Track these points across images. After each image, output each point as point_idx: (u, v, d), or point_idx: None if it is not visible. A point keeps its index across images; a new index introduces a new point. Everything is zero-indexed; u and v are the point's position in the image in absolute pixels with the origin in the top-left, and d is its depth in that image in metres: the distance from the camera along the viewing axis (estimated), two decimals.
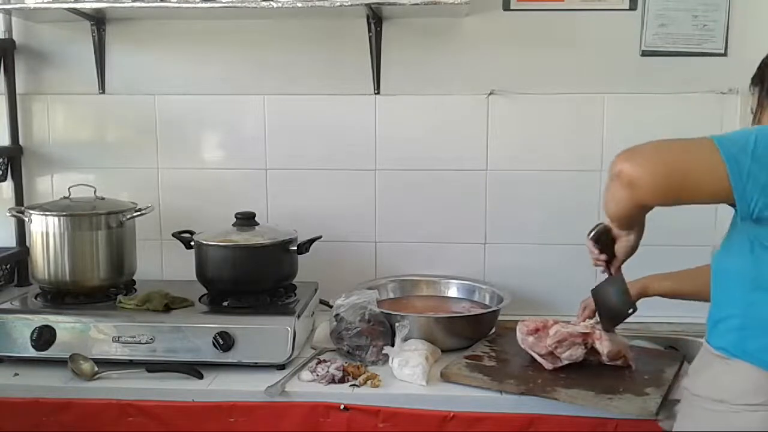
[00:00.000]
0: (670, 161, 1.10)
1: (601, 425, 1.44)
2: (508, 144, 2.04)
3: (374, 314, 1.70)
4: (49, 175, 2.15)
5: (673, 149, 1.12)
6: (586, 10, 1.98)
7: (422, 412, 1.49)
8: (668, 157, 1.11)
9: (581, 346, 1.56)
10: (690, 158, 1.09)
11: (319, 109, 2.06)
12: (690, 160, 1.09)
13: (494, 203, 2.06)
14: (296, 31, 2.04)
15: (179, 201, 2.12)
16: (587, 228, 2.02)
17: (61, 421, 1.53)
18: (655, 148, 1.12)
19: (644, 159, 1.11)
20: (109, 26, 2.07)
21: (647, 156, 1.11)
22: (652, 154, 1.12)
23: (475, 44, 2.01)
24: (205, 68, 2.08)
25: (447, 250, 2.09)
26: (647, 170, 1.10)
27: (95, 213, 1.81)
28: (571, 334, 1.55)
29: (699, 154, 1.09)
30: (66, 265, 1.78)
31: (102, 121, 2.13)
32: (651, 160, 1.11)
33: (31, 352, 1.62)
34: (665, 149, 1.12)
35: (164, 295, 1.74)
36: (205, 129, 2.12)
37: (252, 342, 1.60)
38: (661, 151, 1.12)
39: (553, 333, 1.56)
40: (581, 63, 2.00)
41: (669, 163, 1.10)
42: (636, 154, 1.12)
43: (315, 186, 2.09)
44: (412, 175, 2.07)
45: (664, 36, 1.97)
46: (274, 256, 1.80)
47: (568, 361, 1.56)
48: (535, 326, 1.60)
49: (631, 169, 1.11)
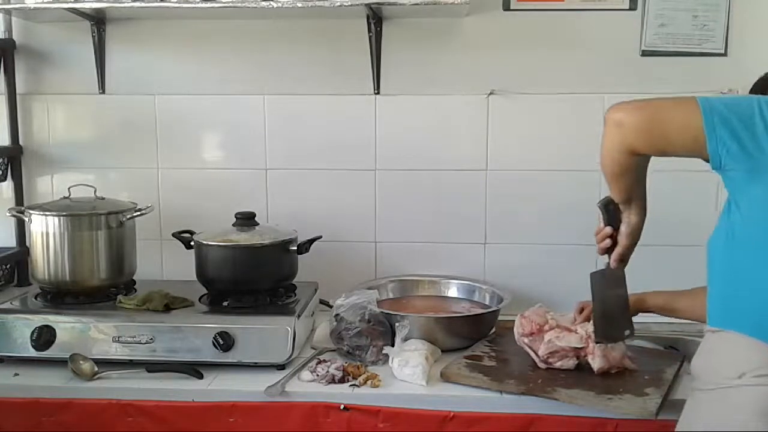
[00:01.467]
0: (654, 106, 1.22)
1: (601, 425, 1.44)
2: (508, 144, 2.04)
3: (374, 314, 1.70)
4: (49, 175, 2.15)
5: (660, 101, 1.24)
6: (586, 10, 1.98)
7: (422, 412, 1.49)
8: (654, 104, 1.23)
9: (573, 359, 1.56)
10: (672, 106, 1.21)
11: (319, 109, 2.06)
12: (672, 108, 1.21)
13: (494, 203, 2.06)
14: (296, 32, 2.04)
15: (179, 201, 2.12)
16: (587, 228, 2.03)
17: (61, 421, 1.53)
18: (643, 100, 1.24)
19: (632, 105, 1.24)
20: (109, 26, 2.07)
21: (635, 103, 1.24)
22: (640, 102, 1.24)
23: (475, 44, 2.01)
24: (205, 68, 2.08)
25: (447, 250, 2.09)
26: (634, 112, 1.23)
27: (95, 213, 1.81)
28: (564, 348, 1.56)
29: (681, 105, 1.19)
30: (66, 265, 1.78)
31: (102, 121, 2.13)
32: (638, 105, 1.23)
33: (31, 352, 1.62)
34: (653, 101, 1.24)
35: (164, 295, 1.74)
36: (205, 129, 2.12)
37: (252, 342, 1.60)
38: (648, 101, 1.24)
39: (546, 341, 1.56)
40: (581, 63, 2.00)
41: (654, 108, 1.22)
42: (626, 102, 1.25)
43: (315, 186, 2.09)
44: (412, 175, 2.07)
45: (664, 36, 1.97)
46: (274, 256, 1.80)
47: (561, 367, 1.57)
48: (530, 329, 1.60)
49: (620, 113, 1.23)
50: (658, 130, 1.21)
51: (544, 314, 1.64)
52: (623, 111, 1.24)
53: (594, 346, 1.54)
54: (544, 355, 1.56)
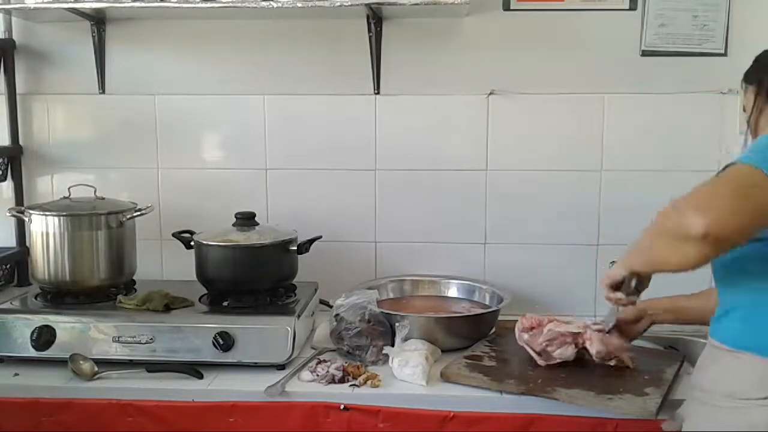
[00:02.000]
0: (737, 205, 1.05)
1: (601, 425, 1.44)
2: (508, 144, 2.04)
3: (374, 314, 1.70)
4: (49, 175, 2.15)
5: (728, 191, 1.07)
6: (586, 10, 1.97)
7: (422, 412, 1.49)
8: (732, 201, 1.05)
9: (571, 345, 1.57)
10: (751, 192, 1.06)
11: (319, 109, 2.06)
12: (753, 195, 1.06)
13: (494, 203, 2.06)
14: (296, 32, 2.04)
15: (179, 201, 2.12)
16: (587, 228, 2.04)
17: (61, 421, 1.53)
18: (712, 195, 1.06)
19: (712, 210, 1.03)
20: (109, 26, 2.07)
21: (713, 205, 1.04)
22: (718, 201, 1.05)
23: (475, 44, 2.01)
24: (205, 68, 2.08)
25: (447, 250, 2.09)
26: (720, 219, 1.03)
27: (95, 213, 1.81)
28: (562, 334, 1.57)
29: (754, 183, 1.06)
30: (66, 265, 1.78)
31: (102, 121, 2.13)
32: (719, 208, 1.04)
33: (31, 352, 1.62)
34: (721, 195, 1.06)
35: (164, 295, 1.74)
36: (205, 129, 2.12)
37: (252, 342, 1.60)
38: (714, 193, 1.07)
39: (546, 331, 1.58)
40: (581, 63, 2.00)
41: (736, 204, 1.05)
42: (703, 206, 1.04)
43: (315, 186, 2.09)
44: (412, 175, 2.07)
45: (664, 36, 1.97)
46: (274, 256, 1.80)
47: (560, 359, 1.57)
48: (531, 324, 1.62)
49: (699, 221, 1.02)
50: (754, 224, 1.06)
51: (545, 317, 1.64)
52: (703, 218, 1.02)
53: (592, 333, 1.56)
54: (543, 343, 1.57)
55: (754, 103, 1.32)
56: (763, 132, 1.30)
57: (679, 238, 1.06)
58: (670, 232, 1.09)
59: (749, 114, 1.33)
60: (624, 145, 2.01)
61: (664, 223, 1.12)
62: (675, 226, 1.07)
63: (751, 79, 1.36)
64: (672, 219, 1.08)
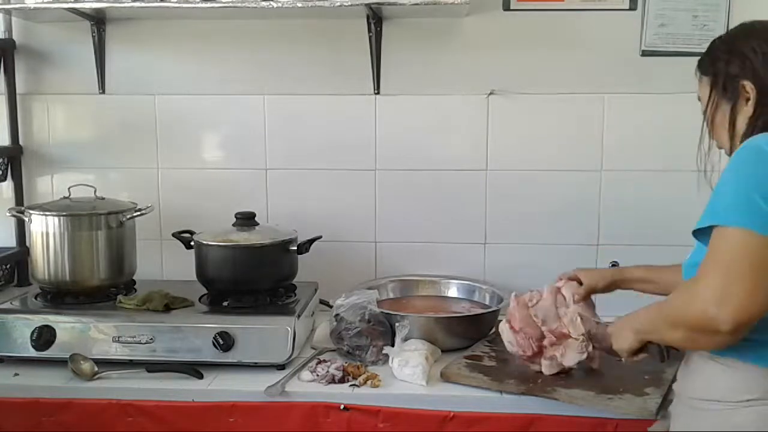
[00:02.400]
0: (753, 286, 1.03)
1: (601, 425, 1.44)
2: (508, 144, 2.04)
3: (374, 314, 1.70)
4: (49, 175, 2.15)
5: (744, 276, 1.03)
6: (586, 10, 1.97)
7: (422, 412, 1.49)
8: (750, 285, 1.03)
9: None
10: (764, 267, 1.03)
11: (319, 109, 2.06)
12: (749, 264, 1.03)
13: (494, 203, 2.06)
14: (296, 32, 2.04)
15: (179, 201, 2.12)
16: (587, 227, 2.04)
17: (61, 421, 1.53)
18: (728, 283, 1.03)
19: (737, 300, 1.02)
20: (109, 26, 2.07)
21: (735, 294, 1.02)
22: (736, 289, 1.03)
23: (475, 44, 2.01)
24: (205, 68, 2.08)
25: (447, 250, 2.09)
26: (748, 309, 1.02)
27: (95, 213, 1.81)
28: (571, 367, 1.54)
29: (750, 249, 1.04)
30: (66, 265, 1.78)
31: (102, 121, 2.13)
32: (741, 297, 1.02)
33: (31, 352, 1.62)
34: (739, 281, 1.03)
35: (164, 295, 1.74)
36: (205, 129, 2.12)
37: (252, 342, 1.60)
38: (738, 284, 1.03)
39: (549, 362, 1.53)
40: (581, 63, 2.00)
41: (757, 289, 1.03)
42: (723, 299, 1.02)
43: (315, 186, 2.09)
44: (412, 175, 2.07)
45: (664, 36, 1.97)
46: (274, 256, 1.80)
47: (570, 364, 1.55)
48: (531, 352, 1.55)
49: (734, 318, 1.02)
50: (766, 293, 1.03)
51: (531, 319, 1.56)
52: (727, 313, 1.01)
53: (595, 352, 1.53)
54: (549, 373, 1.54)
55: (709, 97, 1.26)
56: (720, 130, 1.25)
57: (705, 332, 1.06)
58: (693, 326, 1.08)
59: (704, 107, 1.28)
60: (624, 145, 2.01)
61: (679, 316, 1.11)
62: (698, 321, 1.06)
63: (705, 69, 1.29)
64: (691, 313, 1.07)
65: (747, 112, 1.20)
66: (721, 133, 1.25)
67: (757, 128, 1.17)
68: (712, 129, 1.28)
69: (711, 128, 1.28)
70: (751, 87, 1.19)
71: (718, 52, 1.26)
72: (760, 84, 1.18)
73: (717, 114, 1.25)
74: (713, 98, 1.25)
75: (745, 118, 1.20)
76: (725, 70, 1.23)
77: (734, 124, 1.22)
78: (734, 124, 1.22)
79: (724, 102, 1.24)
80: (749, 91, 1.19)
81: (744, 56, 1.21)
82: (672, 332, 1.16)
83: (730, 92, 1.22)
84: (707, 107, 1.27)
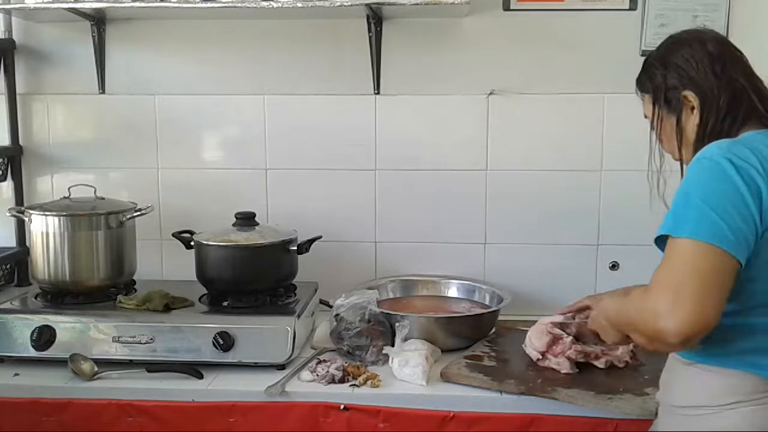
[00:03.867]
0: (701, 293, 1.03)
1: (601, 425, 1.45)
2: (508, 144, 2.04)
3: (374, 314, 1.70)
4: (49, 175, 2.15)
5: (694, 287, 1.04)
6: (587, 10, 1.98)
7: (422, 412, 1.49)
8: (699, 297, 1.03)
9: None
10: (714, 279, 1.04)
11: (319, 109, 2.06)
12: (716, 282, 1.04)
13: (494, 203, 2.06)
14: (296, 31, 2.04)
15: (179, 201, 2.12)
16: (587, 227, 2.04)
17: (61, 421, 1.53)
18: (678, 294, 1.03)
19: (684, 312, 1.03)
20: (109, 26, 2.07)
21: (683, 307, 1.03)
22: (685, 301, 1.03)
23: (475, 44, 2.01)
24: (205, 68, 2.07)
25: (447, 250, 2.09)
26: (695, 321, 1.02)
27: (95, 213, 1.81)
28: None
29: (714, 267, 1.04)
30: (66, 265, 1.78)
31: (102, 121, 2.13)
32: (689, 309, 1.02)
33: (31, 352, 1.62)
34: (688, 293, 1.03)
35: (164, 295, 1.74)
36: (205, 129, 2.12)
37: (252, 342, 1.60)
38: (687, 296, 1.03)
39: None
40: (581, 63, 2.00)
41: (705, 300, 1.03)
42: (672, 310, 1.03)
43: (315, 186, 2.09)
44: (412, 175, 2.07)
45: (664, 36, 1.93)
46: (274, 256, 1.80)
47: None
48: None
49: (681, 330, 1.03)
50: (722, 306, 1.04)
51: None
52: (675, 325, 1.02)
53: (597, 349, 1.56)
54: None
55: (654, 114, 1.28)
56: (670, 142, 1.27)
57: (659, 342, 1.08)
58: (648, 336, 1.11)
59: (651, 124, 1.30)
60: (624, 145, 2.01)
61: (639, 325, 1.12)
62: (651, 333, 1.08)
63: (644, 86, 1.32)
64: (647, 325, 1.08)
65: (694, 121, 1.23)
66: (671, 145, 1.29)
67: (706, 135, 1.20)
68: (663, 142, 1.31)
69: (662, 142, 1.31)
70: (692, 96, 1.22)
71: (653, 69, 1.29)
72: (700, 91, 1.21)
73: (664, 127, 1.28)
74: (657, 113, 1.28)
75: (693, 126, 1.23)
76: (663, 84, 1.26)
77: (682, 134, 1.25)
78: (682, 134, 1.25)
79: (668, 115, 1.27)
80: (692, 100, 1.22)
81: (678, 67, 1.24)
82: (633, 334, 1.19)
83: (673, 104, 1.25)
84: (654, 123, 1.29)
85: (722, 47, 1.24)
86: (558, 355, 1.56)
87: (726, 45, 1.26)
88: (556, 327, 1.59)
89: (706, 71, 1.21)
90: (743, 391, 1.13)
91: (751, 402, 1.13)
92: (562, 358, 1.55)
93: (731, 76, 1.21)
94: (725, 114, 1.19)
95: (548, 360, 1.57)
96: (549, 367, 1.57)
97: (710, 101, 1.20)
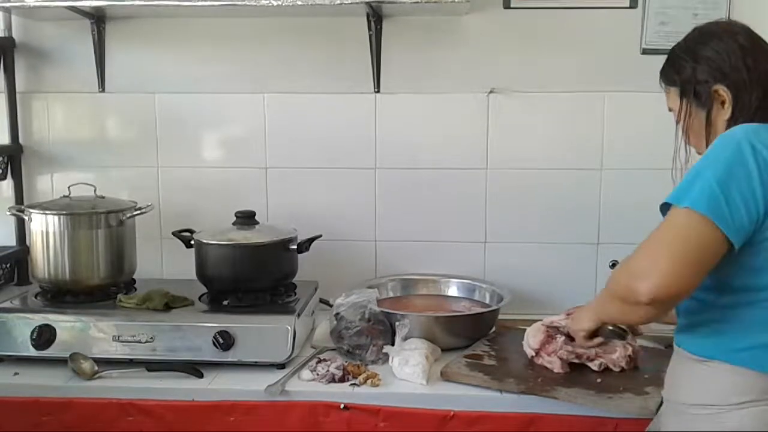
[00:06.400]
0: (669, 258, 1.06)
1: (601, 425, 1.44)
2: (508, 143, 2.04)
3: (374, 313, 1.70)
4: (49, 174, 2.15)
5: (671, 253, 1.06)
6: (587, 8, 1.97)
7: (422, 411, 1.49)
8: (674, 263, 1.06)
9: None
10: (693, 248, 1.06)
11: (319, 108, 2.06)
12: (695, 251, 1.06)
13: (494, 203, 2.06)
14: (296, 30, 2.03)
15: (179, 200, 2.11)
16: (587, 227, 2.04)
17: (61, 421, 1.53)
18: (655, 259, 1.07)
19: (658, 275, 1.05)
20: (109, 24, 2.06)
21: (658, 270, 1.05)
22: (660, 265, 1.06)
23: (475, 42, 2.01)
24: (205, 67, 2.07)
25: (447, 250, 2.09)
26: (668, 285, 1.05)
27: (95, 212, 1.81)
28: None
29: (698, 238, 1.06)
30: (66, 263, 1.78)
31: (102, 119, 2.13)
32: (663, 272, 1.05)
33: (31, 351, 1.62)
34: (664, 257, 1.06)
35: (164, 294, 1.74)
36: (205, 128, 2.11)
37: (252, 341, 1.60)
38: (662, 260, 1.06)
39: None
40: (582, 61, 2.00)
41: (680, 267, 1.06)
42: (646, 272, 1.06)
43: (315, 185, 2.09)
44: (412, 174, 2.07)
45: (664, 34, 1.96)
46: (274, 255, 1.80)
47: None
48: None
49: (652, 290, 1.06)
50: (700, 278, 1.07)
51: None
52: (647, 286, 1.05)
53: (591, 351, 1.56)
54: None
55: (681, 108, 1.26)
56: (698, 137, 1.25)
57: (629, 303, 1.11)
58: (621, 297, 1.14)
59: (678, 118, 1.27)
60: (624, 144, 2.01)
61: (614, 288, 1.16)
62: (624, 291, 1.12)
63: (670, 79, 1.28)
64: (621, 284, 1.13)
65: (724, 115, 1.21)
66: (698, 139, 1.26)
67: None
68: (689, 136, 1.28)
69: (688, 137, 1.28)
70: (724, 90, 1.20)
71: (681, 61, 1.26)
72: (732, 85, 1.19)
73: (693, 122, 1.25)
74: (686, 107, 1.25)
75: (723, 121, 1.21)
76: (693, 77, 1.23)
77: (712, 128, 1.23)
78: (712, 129, 1.23)
79: (698, 109, 1.24)
80: (723, 95, 1.20)
81: (709, 60, 1.21)
82: (610, 304, 1.21)
83: (703, 98, 1.22)
84: (681, 117, 1.26)
85: (753, 40, 1.22)
86: (551, 354, 1.56)
87: (756, 38, 1.23)
88: (552, 326, 1.58)
89: (738, 65, 1.19)
90: (755, 389, 1.12)
91: (764, 401, 1.12)
92: (554, 357, 1.55)
93: (764, 69, 1.19)
94: (756, 108, 1.18)
95: (542, 358, 1.57)
96: (547, 366, 1.57)
97: (742, 96, 1.18)
